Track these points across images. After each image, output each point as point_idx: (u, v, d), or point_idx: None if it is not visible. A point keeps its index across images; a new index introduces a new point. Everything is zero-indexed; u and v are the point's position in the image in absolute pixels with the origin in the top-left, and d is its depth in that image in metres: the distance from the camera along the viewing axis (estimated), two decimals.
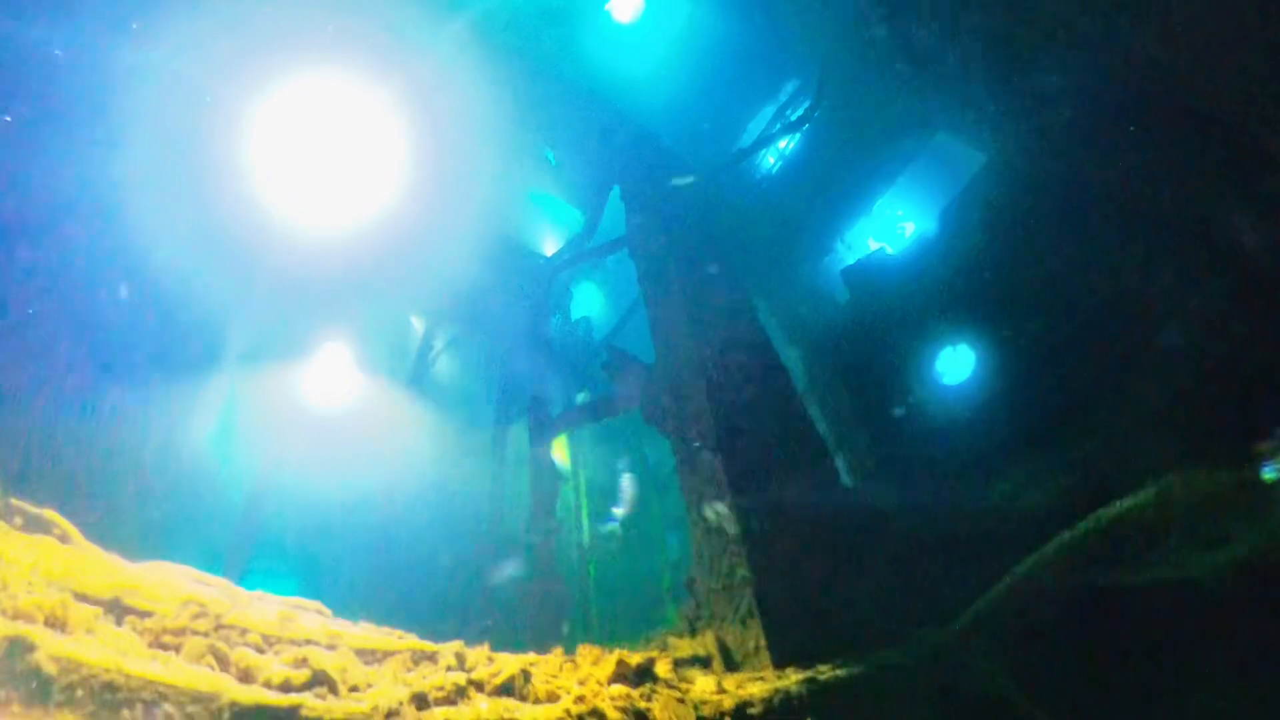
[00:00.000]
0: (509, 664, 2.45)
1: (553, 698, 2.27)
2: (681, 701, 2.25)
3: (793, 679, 2.70)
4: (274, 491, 8.90)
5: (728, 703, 2.35)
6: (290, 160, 6.66)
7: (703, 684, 2.53)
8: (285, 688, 1.96)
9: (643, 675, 2.47)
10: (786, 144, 8.88)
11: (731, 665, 3.22)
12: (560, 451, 8.44)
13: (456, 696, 2.06)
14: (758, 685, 2.57)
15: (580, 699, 2.17)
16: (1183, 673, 5.00)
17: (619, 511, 8.84)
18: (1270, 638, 4.75)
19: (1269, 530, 4.61)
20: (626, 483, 8.96)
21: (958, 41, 6.98)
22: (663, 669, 2.61)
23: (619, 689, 2.27)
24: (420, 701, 1.93)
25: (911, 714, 3.26)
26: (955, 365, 7.48)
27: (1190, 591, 4.59)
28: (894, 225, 15.97)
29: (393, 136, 7.21)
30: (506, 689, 2.31)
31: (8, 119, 3.98)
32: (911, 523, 5.78)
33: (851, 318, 7.80)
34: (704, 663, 3.23)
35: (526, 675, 2.39)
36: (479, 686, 2.29)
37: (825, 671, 2.93)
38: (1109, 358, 6.19)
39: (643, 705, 2.20)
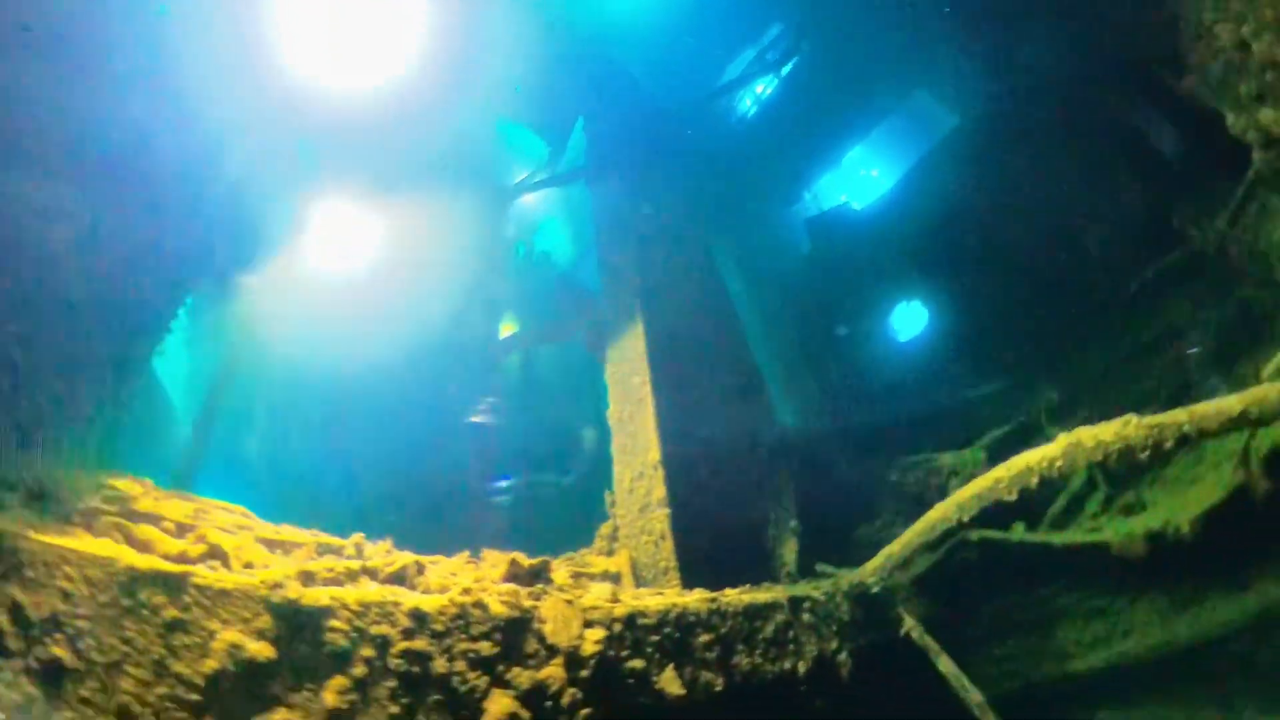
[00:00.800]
0: (405, 557, 2.62)
1: (443, 590, 2.45)
2: (570, 604, 2.43)
3: (695, 598, 2.90)
4: (234, 395, 9.03)
5: (619, 611, 2.53)
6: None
7: (599, 592, 2.72)
8: (181, 559, 2.12)
9: (536, 577, 2.66)
10: (764, 89, 8.88)
11: (642, 584, 3.44)
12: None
13: (345, 579, 2.23)
14: (656, 600, 2.76)
15: (467, 591, 2.35)
16: (1081, 627, 5.34)
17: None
18: (1165, 605, 5.08)
19: (1181, 503, 4.88)
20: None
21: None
22: (560, 576, 2.80)
23: (508, 587, 2.46)
24: (307, 578, 2.09)
25: (815, 645, 3.47)
26: (909, 321, 7.73)
27: (1102, 554, 4.84)
28: (865, 182, 16.16)
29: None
30: (399, 578, 2.49)
31: None
32: (846, 468, 6.03)
33: (811, 267, 8.00)
34: (614, 579, 3.44)
35: (420, 568, 2.57)
36: (371, 574, 2.46)
37: (730, 595, 3.14)
38: (1056, 323, 6.44)
39: (529, 604, 2.37)
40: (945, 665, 3.93)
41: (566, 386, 9.80)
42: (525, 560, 2.67)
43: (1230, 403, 2.87)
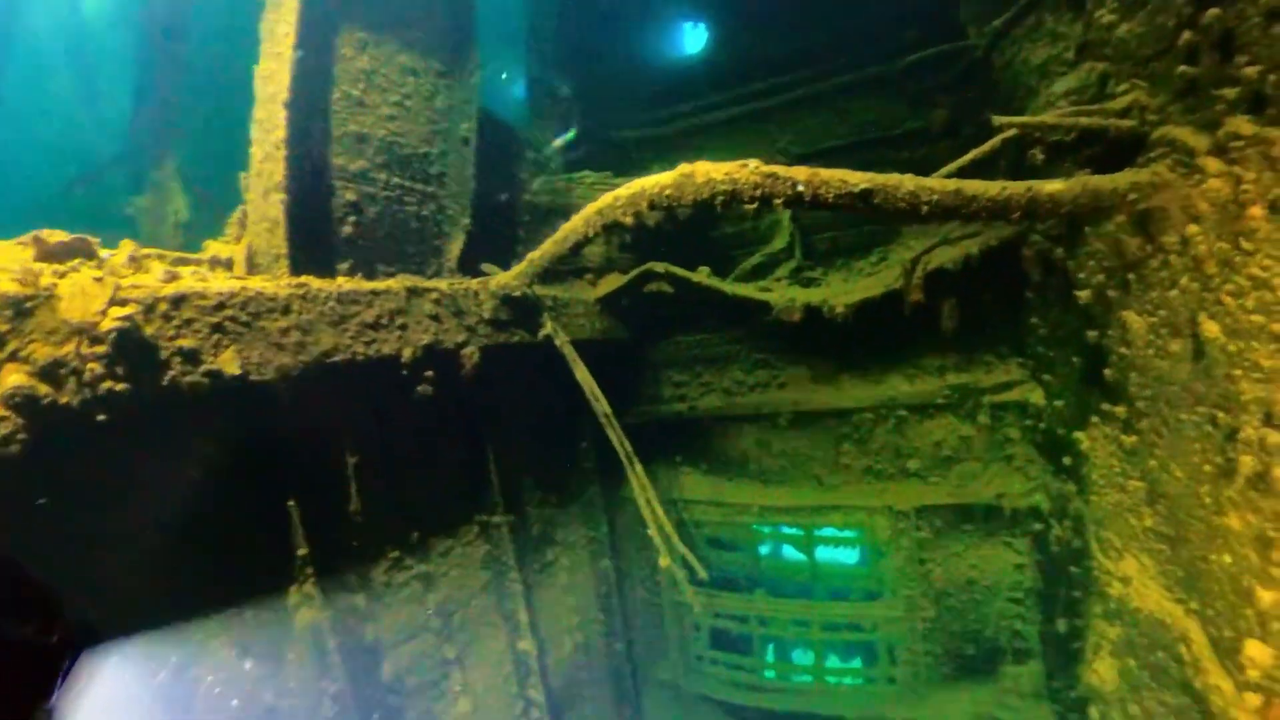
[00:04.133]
0: None
1: None
2: (99, 281, 2.50)
3: (279, 283, 3.05)
4: None
5: (167, 290, 2.64)
6: None
7: (156, 272, 2.80)
8: None
9: (75, 255, 2.69)
10: None
11: (255, 272, 3.56)
12: None
13: None
14: (224, 282, 2.90)
15: None
16: (748, 372, 6.38)
17: None
18: (813, 373, 6.06)
19: (848, 289, 5.59)
20: None
21: None
22: (119, 256, 2.85)
23: (29, 266, 2.48)
24: None
25: (433, 335, 3.79)
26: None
27: (767, 311, 5.52)
28: None
29: None
30: None
31: None
32: (558, 177, 6.22)
33: None
34: (225, 265, 3.54)
35: None
36: None
37: (331, 281, 3.31)
38: (818, 90, 6.56)
39: (48, 280, 2.42)
40: (580, 374, 4.54)
41: None
42: (54, 237, 2.66)
43: (854, 178, 3.00)
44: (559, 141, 5.08)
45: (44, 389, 2.36)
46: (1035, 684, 5.79)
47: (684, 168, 3.29)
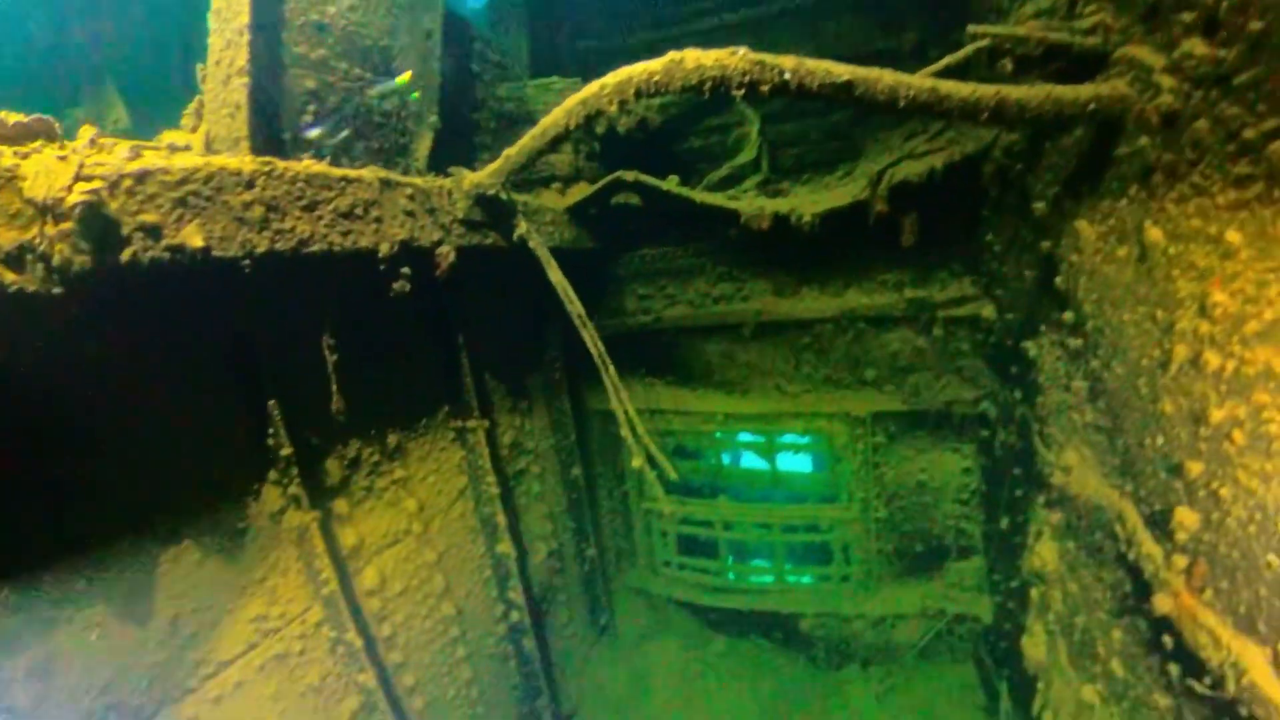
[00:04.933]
0: None
1: None
2: (63, 160, 2.40)
3: (243, 160, 2.91)
4: None
5: (131, 166, 2.53)
6: None
7: (121, 150, 2.67)
8: None
9: (35, 136, 2.56)
10: None
11: (211, 154, 3.43)
12: None
13: None
14: (191, 160, 2.77)
15: None
16: (712, 284, 6.44)
17: None
18: (776, 286, 6.14)
19: (814, 200, 5.59)
20: None
21: None
22: (80, 140, 2.71)
23: None
24: None
25: (408, 230, 3.70)
26: None
27: (734, 221, 5.53)
28: None
29: None
30: None
31: None
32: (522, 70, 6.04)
33: None
34: (185, 150, 3.39)
35: None
36: None
37: (298, 163, 3.17)
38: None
39: (9, 161, 2.30)
40: (554, 275, 4.49)
41: None
42: (12, 118, 2.52)
43: (838, 69, 2.96)
44: (377, 90, 4.24)
45: (10, 276, 2.25)
46: (978, 578, 6.20)
47: (673, 54, 3.18)
